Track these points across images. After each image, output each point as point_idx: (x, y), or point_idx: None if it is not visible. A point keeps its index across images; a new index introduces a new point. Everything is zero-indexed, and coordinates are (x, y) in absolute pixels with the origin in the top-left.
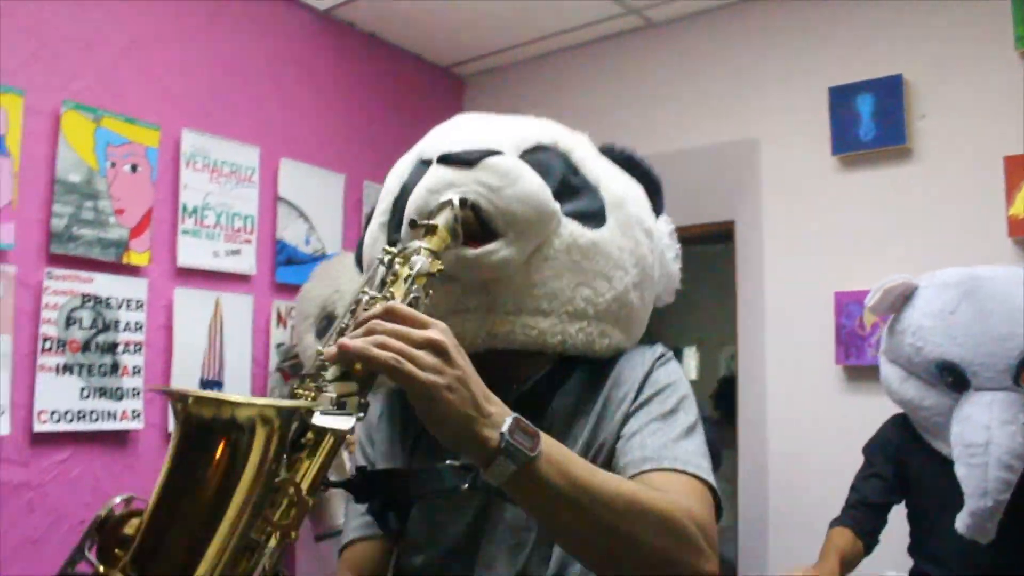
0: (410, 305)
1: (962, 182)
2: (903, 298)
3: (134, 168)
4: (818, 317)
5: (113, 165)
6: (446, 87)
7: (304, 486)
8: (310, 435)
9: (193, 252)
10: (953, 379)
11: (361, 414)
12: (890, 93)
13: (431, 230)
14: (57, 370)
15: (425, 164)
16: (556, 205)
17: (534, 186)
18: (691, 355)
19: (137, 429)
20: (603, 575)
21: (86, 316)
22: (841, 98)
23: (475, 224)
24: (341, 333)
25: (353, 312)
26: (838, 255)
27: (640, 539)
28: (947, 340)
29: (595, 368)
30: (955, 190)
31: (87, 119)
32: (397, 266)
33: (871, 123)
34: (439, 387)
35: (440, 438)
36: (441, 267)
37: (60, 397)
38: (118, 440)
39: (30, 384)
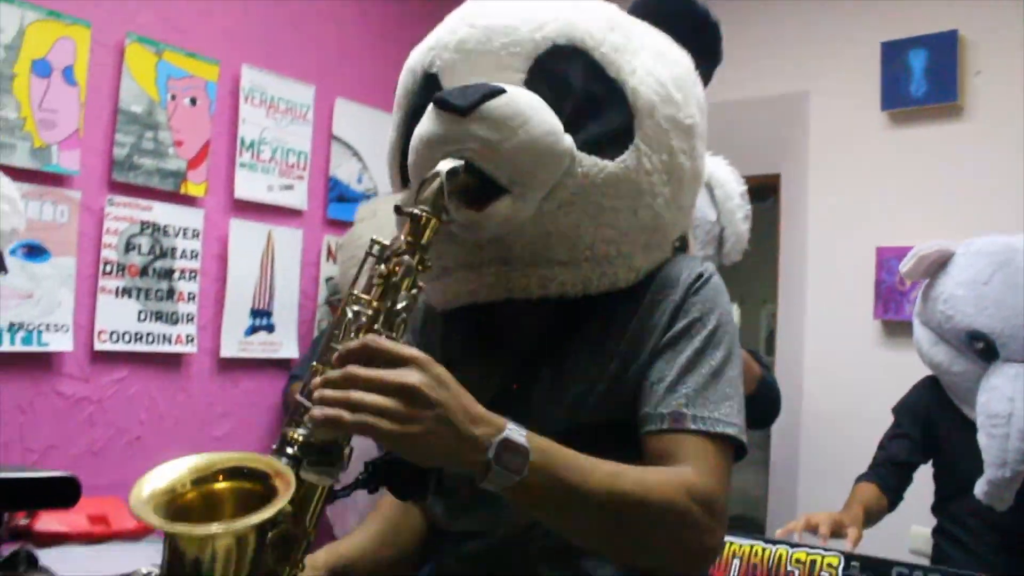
0: (399, 313)
1: (1013, 142)
2: (938, 264)
3: (193, 101)
4: (859, 272)
5: (173, 98)
6: None
7: (310, 530)
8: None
9: (248, 185)
10: (983, 348)
11: (346, 463)
12: (944, 49)
13: (416, 223)
14: (117, 293)
15: (430, 80)
16: (568, 143)
17: (541, 130)
18: (733, 313)
19: (190, 353)
20: (616, 561)
21: (145, 243)
22: (893, 53)
23: (475, 183)
24: (326, 358)
25: (339, 326)
26: (882, 211)
27: (639, 534)
28: (978, 311)
29: (623, 295)
30: (1006, 150)
31: (150, 52)
32: (383, 267)
33: (923, 79)
34: (416, 436)
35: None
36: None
37: (119, 318)
38: (172, 362)
39: (91, 305)
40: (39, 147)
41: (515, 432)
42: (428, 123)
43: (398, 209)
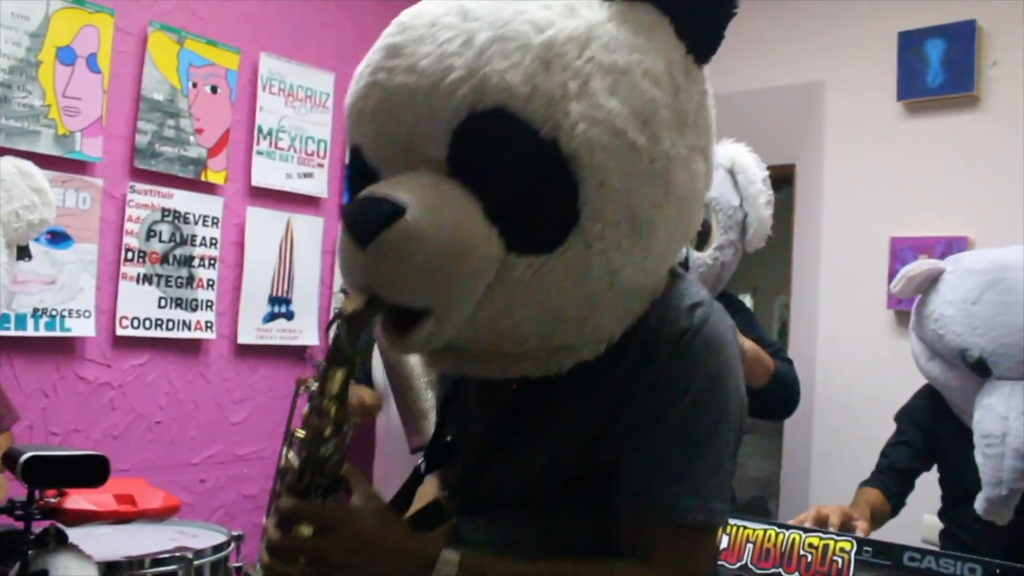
0: (330, 458)
1: None
2: (929, 281)
3: (214, 89)
4: (872, 261)
5: (194, 85)
6: None
7: None
8: None
9: (267, 173)
10: (976, 364)
11: None
12: (962, 39)
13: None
14: (138, 279)
15: (356, 153)
16: (489, 253)
17: (450, 250)
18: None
19: (209, 339)
20: None
21: (165, 230)
22: (910, 42)
23: (389, 313)
24: (301, 474)
25: (280, 471)
26: (897, 201)
27: None
28: (968, 330)
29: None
30: (1022, 141)
31: (171, 40)
32: (312, 417)
33: (940, 69)
34: None
35: None
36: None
37: (140, 304)
38: (191, 348)
39: (113, 291)
40: (63, 134)
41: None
42: (340, 242)
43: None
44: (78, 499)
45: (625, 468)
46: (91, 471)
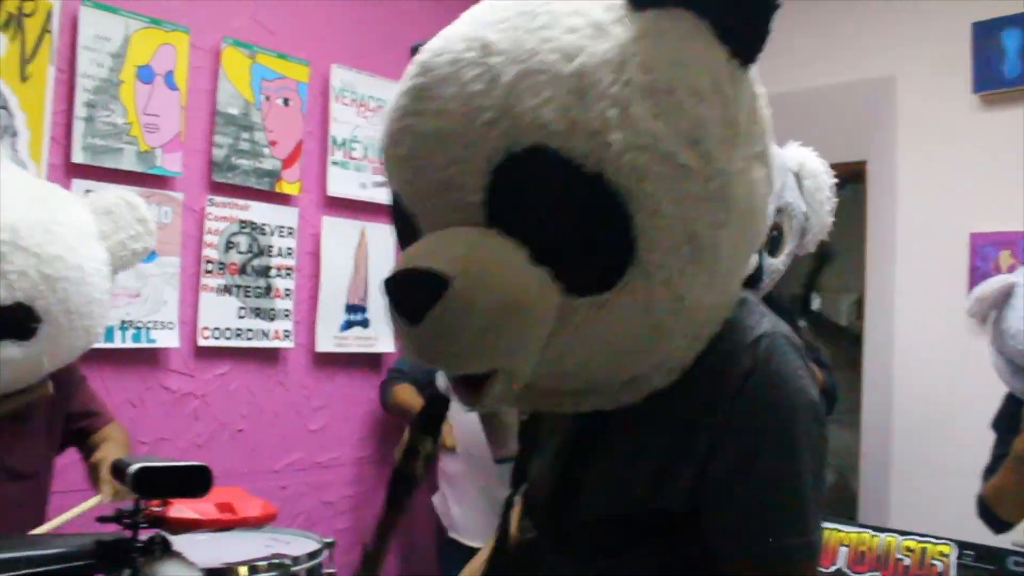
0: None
1: None
2: (1003, 297)
3: (286, 102)
4: (951, 259)
5: (267, 99)
6: None
7: None
8: None
9: (341, 183)
10: None
11: None
12: None
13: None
14: (218, 290)
15: (396, 198)
16: (547, 302)
17: (503, 308)
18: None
19: (287, 348)
20: None
21: (243, 241)
22: (985, 33)
23: (461, 379)
24: None
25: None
26: (975, 196)
27: None
28: None
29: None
30: None
31: (244, 55)
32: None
33: (1016, 59)
34: None
35: None
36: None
37: (220, 315)
38: (270, 357)
39: (194, 302)
40: (144, 151)
41: None
42: (390, 316)
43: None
44: (181, 508)
45: (721, 520)
46: (196, 481)
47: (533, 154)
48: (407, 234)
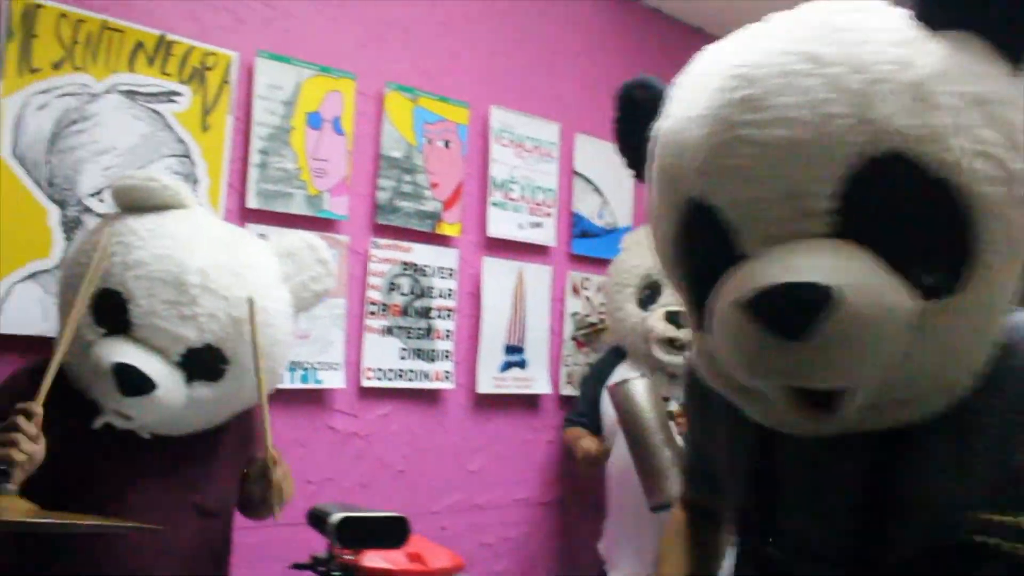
0: None
1: None
2: None
3: (447, 144)
4: None
5: (429, 141)
6: None
7: None
8: None
9: (500, 224)
10: None
11: None
12: None
13: None
14: (381, 331)
15: (703, 212)
16: (912, 309)
17: (883, 321)
18: None
19: (448, 389)
20: None
21: (405, 283)
22: None
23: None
24: None
25: None
26: None
27: None
28: None
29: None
30: None
31: (406, 99)
32: None
33: None
34: None
35: None
36: None
37: (383, 356)
38: (431, 398)
39: (358, 343)
40: (313, 195)
41: None
42: (741, 335)
43: None
44: (374, 557)
45: None
46: (394, 532)
47: (891, 160)
48: (716, 251)
